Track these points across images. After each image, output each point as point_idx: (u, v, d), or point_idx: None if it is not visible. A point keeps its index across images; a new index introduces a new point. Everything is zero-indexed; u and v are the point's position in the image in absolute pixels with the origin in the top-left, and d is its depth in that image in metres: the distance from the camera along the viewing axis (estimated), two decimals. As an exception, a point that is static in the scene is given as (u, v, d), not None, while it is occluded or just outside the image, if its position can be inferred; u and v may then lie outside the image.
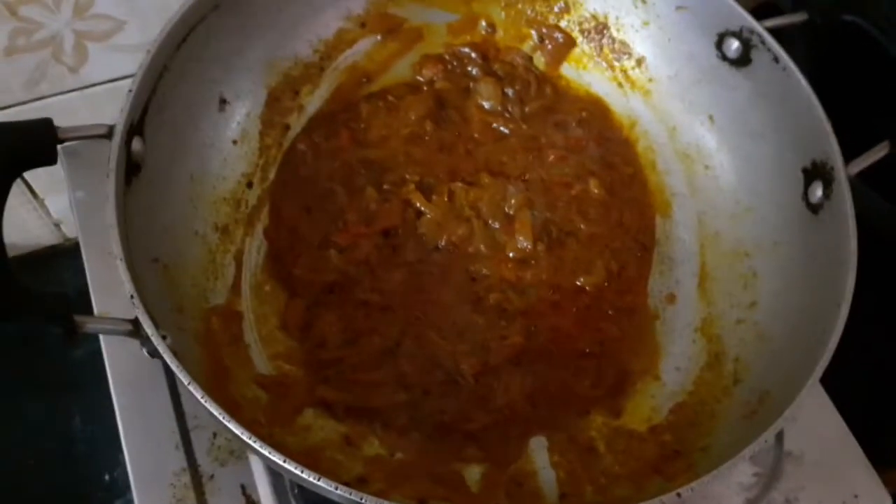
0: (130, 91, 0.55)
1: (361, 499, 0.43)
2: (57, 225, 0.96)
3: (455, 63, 0.76)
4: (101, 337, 0.69)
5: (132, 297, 0.47)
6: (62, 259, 0.98)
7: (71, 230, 0.98)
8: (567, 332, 0.65)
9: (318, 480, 0.43)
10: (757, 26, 0.64)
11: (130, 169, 0.54)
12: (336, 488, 0.43)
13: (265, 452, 0.44)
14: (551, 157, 0.72)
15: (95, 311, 0.70)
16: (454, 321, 0.65)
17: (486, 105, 0.74)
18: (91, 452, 0.88)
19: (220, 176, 0.66)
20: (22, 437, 0.88)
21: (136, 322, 0.48)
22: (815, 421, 0.71)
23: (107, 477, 0.87)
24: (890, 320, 0.81)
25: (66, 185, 0.76)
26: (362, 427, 0.58)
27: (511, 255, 0.67)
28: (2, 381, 0.89)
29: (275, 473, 0.64)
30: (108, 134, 0.53)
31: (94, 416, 0.89)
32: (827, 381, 0.71)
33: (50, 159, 0.52)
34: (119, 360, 0.68)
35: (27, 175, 0.89)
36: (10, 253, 0.50)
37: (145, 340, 0.48)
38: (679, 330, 0.66)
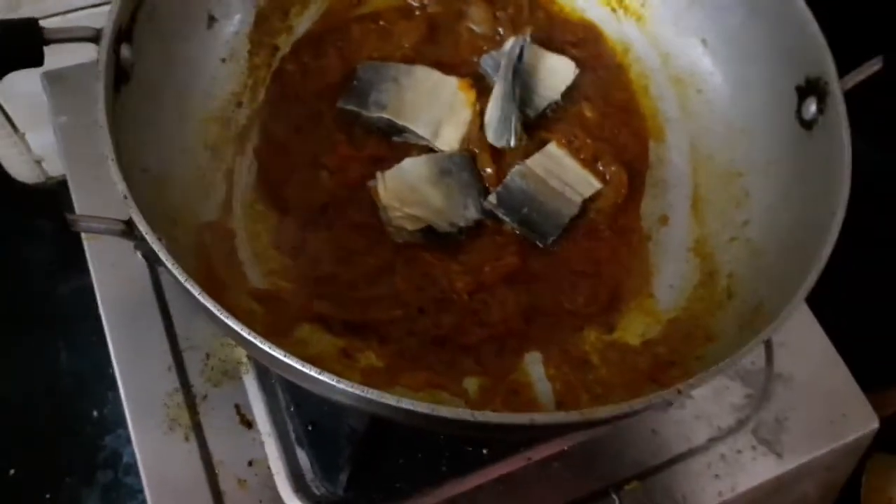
0: (118, -7, 0.53)
1: (364, 392, 0.43)
2: (38, 162, 0.94)
3: (447, -14, 0.74)
4: (90, 262, 0.68)
5: (125, 196, 0.46)
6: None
7: (52, 168, 0.95)
8: (560, 254, 0.65)
9: (320, 375, 0.43)
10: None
11: (119, 76, 0.53)
12: (338, 382, 0.43)
13: (265, 348, 0.44)
14: (544, 82, 0.71)
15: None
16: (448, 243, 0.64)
17: (478, 29, 0.73)
18: (79, 389, 0.87)
19: (209, 94, 0.65)
20: (10, 373, 0.87)
21: (129, 223, 0.47)
22: (805, 344, 0.72)
23: (95, 413, 0.87)
24: (879, 247, 0.82)
25: (48, 110, 0.74)
26: (359, 341, 0.58)
27: (503, 177, 0.67)
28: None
29: (269, 392, 0.64)
30: (96, 37, 0.52)
31: (81, 353, 0.89)
32: (816, 305, 0.72)
33: (36, 60, 0.50)
34: (108, 284, 0.67)
35: (7, 107, 0.87)
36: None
37: (140, 242, 0.47)
38: (672, 250, 0.66)
